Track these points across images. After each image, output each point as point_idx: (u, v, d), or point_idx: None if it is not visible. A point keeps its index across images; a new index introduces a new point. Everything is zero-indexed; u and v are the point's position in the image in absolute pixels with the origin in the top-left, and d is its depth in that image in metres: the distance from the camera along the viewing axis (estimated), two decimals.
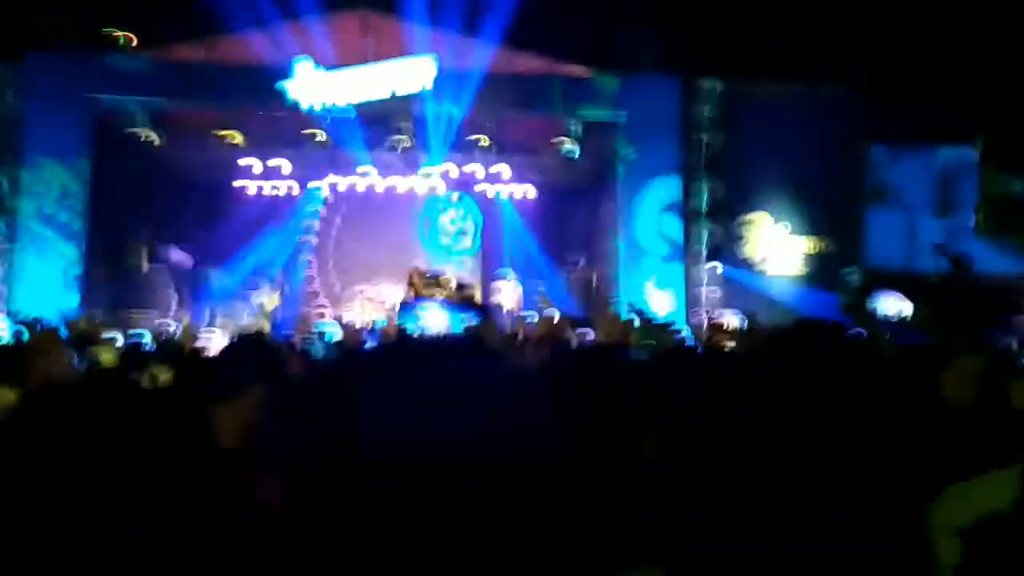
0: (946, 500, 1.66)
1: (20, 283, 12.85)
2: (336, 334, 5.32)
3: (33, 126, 13.02)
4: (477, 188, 17.52)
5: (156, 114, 13.67)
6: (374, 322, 13.45)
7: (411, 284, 7.89)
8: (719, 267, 13.83)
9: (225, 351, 2.51)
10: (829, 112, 13.61)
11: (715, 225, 13.90)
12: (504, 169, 16.06)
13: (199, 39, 13.00)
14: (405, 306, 4.09)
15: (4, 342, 6.28)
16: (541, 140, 15.18)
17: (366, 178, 16.78)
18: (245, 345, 2.75)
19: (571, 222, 17.90)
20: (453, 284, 12.36)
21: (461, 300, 7.29)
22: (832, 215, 14.05)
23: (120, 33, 12.79)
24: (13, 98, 13.02)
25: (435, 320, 3.90)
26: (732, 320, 5.59)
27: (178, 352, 6.01)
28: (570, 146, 14.18)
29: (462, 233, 18.29)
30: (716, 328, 5.66)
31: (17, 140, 13.05)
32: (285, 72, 13.08)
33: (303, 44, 13.05)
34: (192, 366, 3.88)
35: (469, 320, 3.89)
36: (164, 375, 4.88)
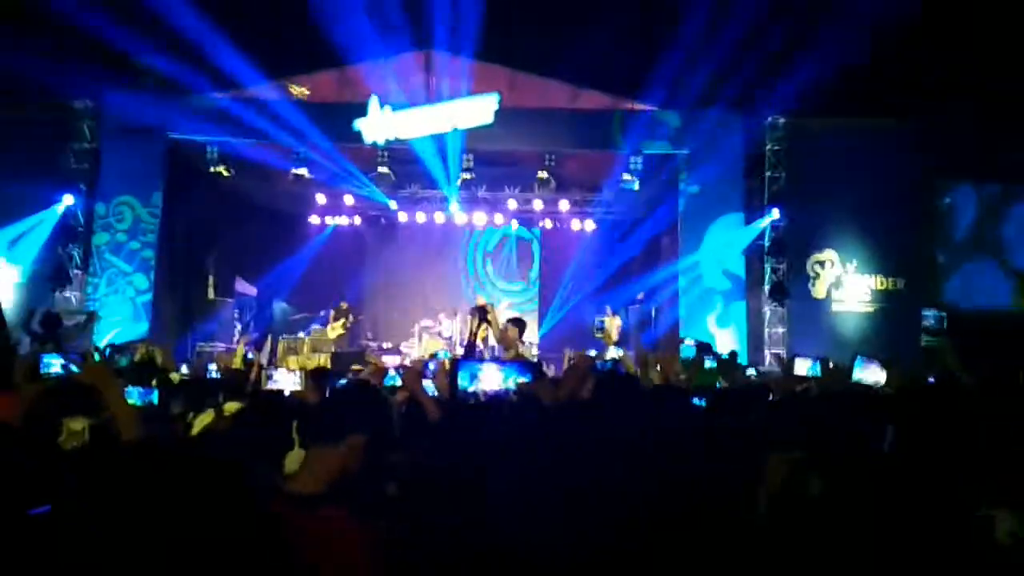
0: None
1: (93, 310, 13.25)
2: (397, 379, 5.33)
3: (109, 161, 13.52)
4: (538, 222, 17.60)
5: (228, 150, 14.07)
6: (434, 354, 13.52)
7: (484, 320, 7.79)
8: (783, 304, 13.56)
9: (332, 396, 2.53)
10: (896, 148, 13.34)
11: (780, 262, 13.64)
12: (565, 203, 16.09)
13: (272, 79, 13.38)
14: (463, 363, 4.03)
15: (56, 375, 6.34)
16: (602, 174, 15.18)
17: (427, 211, 16.99)
18: (351, 392, 2.78)
19: (633, 256, 17.83)
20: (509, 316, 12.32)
21: (515, 358, 7.22)
22: (902, 253, 13.68)
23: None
24: (90, 134, 13.53)
25: (490, 379, 3.87)
26: (803, 365, 5.47)
27: (245, 386, 6.09)
28: (631, 181, 14.11)
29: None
30: (790, 376, 5.53)
31: (93, 173, 13.55)
32: (354, 110, 13.37)
33: (371, 83, 13.34)
34: (265, 406, 3.92)
35: (522, 378, 3.88)
36: (231, 407, 4.95)
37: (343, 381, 4.86)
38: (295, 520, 1.99)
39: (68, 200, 13.23)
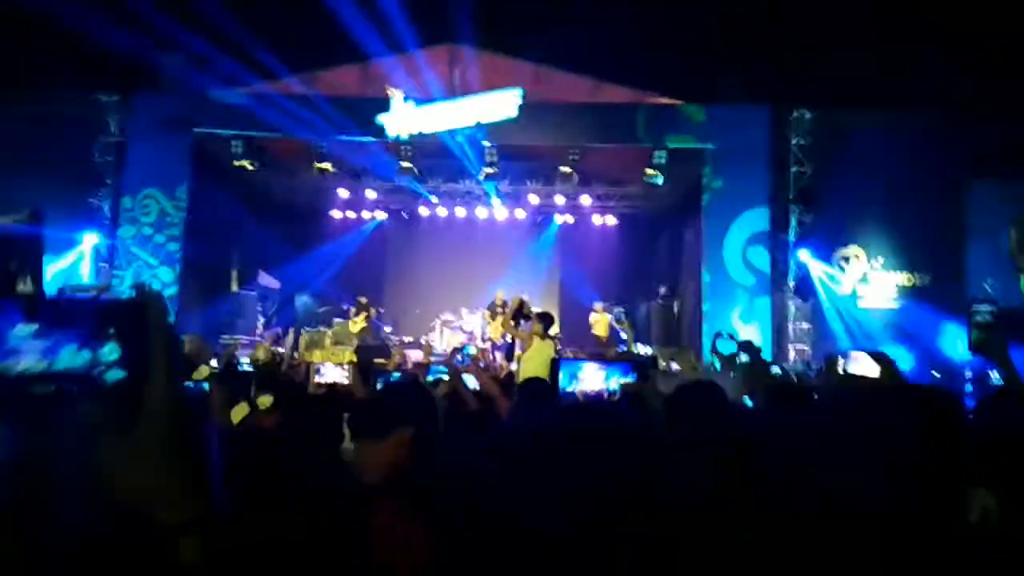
0: None
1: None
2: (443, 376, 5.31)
3: (136, 155, 13.59)
4: (559, 216, 17.58)
5: (253, 144, 14.10)
6: (460, 348, 13.52)
7: (518, 313, 7.76)
8: (808, 299, 13.49)
9: (383, 392, 2.56)
10: (926, 142, 13.20)
11: (806, 257, 13.55)
12: (587, 198, 16.05)
13: (296, 74, 13.39)
14: (564, 362, 4.00)
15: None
16: (625, 169, 15.11)
17: (449, 206, 17.02)
18: (402, 387, 2.80)
19: (655, 251, 17.77)
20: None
21: (618, 358, 7.23)
22: (929, 250, 13.54)
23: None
24: (118, 128, 13.61)
25: (591, 380, 3.80)
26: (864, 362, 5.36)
27: (279, 379, 6.11)
28: (655, 175, 14.03)
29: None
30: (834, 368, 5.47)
31: (120, 168, 13.63)
32: (377, 105, 13.36)
33: (395, 77, 13.33)
34: (304, 401, 3.95)
35: (625, 378, 3.79)
36: (266, 400, 4.97)
37: (396, 375, 4.87)
38: (357, 510, 2.03)
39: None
